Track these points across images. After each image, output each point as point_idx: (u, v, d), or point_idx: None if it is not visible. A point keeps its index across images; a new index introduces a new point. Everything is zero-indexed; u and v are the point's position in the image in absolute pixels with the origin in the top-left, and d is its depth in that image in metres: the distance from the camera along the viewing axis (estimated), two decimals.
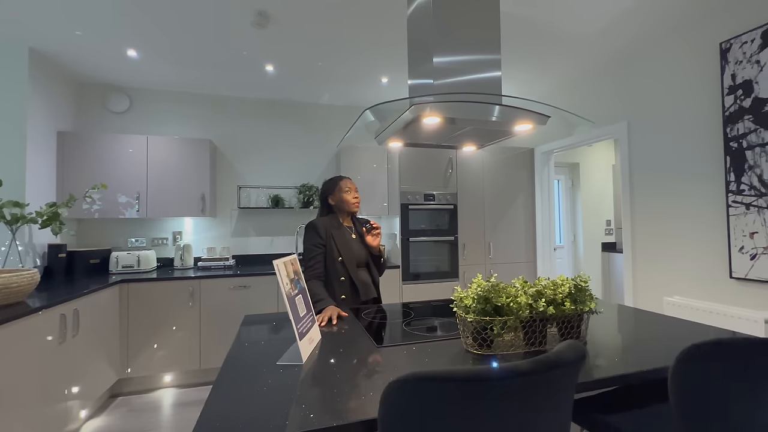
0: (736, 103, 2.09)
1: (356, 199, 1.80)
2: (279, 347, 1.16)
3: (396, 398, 0.55)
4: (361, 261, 1.76)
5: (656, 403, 0.97)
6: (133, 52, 2.68)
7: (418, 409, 0.54)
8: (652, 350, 1.10)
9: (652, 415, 0.91)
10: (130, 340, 2.72)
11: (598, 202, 4.86)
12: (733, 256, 2.11)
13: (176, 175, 3.14)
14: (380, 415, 0.57)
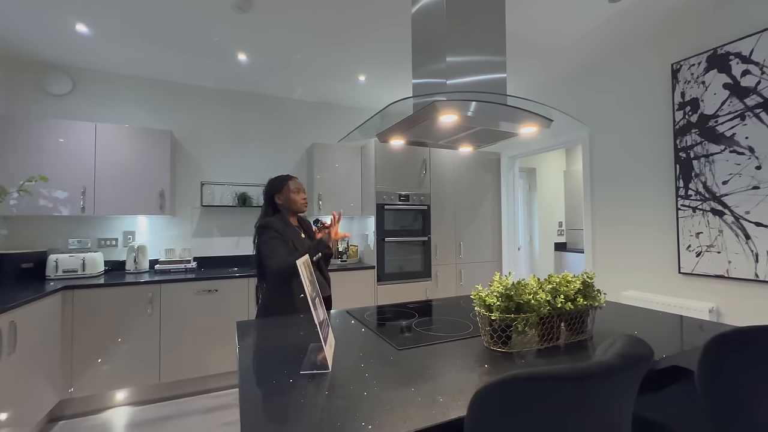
0: (684, 118, 2.35)
1: (305, 199, 1.83)
2: (290, 354, 1.07)
3: (493, 401, 0.53)
4: (313, 260, 1.74)
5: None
6: (83, 28, 2.36)
7: (518, 409, 0.52)
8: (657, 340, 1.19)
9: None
10: (74, 356, 2.38)
11: (552, 205, 5.23)
12: (682, 254, 2.37)
13: (131, 169, 2.82)
14: (472, 418, 0.54)
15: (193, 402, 2.54)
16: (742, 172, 2.10)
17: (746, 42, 2.07)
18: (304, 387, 0.86)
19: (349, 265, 3.41)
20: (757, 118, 2.03)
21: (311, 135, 3.75)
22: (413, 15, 1.56)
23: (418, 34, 1.51)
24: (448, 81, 1.32)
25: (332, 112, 3.87)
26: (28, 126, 2.56)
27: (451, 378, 0.91)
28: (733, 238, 2.13)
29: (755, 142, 2.04)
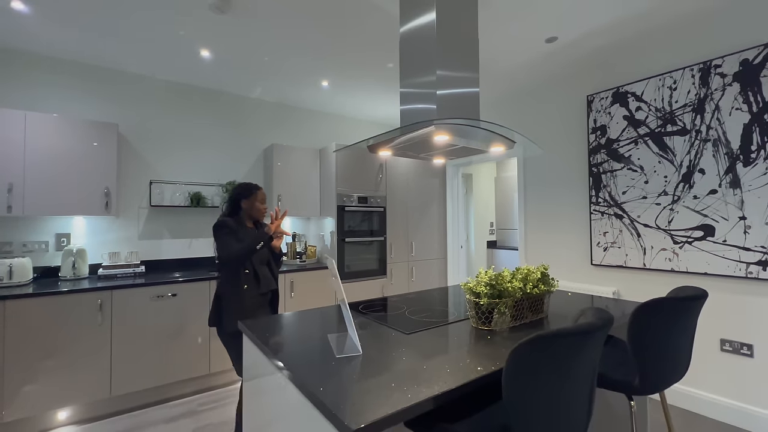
0: (596, 140, 2.94)
1: (265, 209, 2.07)
2: (316, 344, 1.20)
3: (525, 354, 0.76)
4: (263, 258, 2.01)
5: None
6: (20, 4, 2.10)
7: (543, 359, 0.77)
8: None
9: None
10: (5, 376, 2.11)
11: (485, 207, 5.85)
12: (593, 249, 2.95)
13: (71, 165, 2.56)
14: (510, 366, 0.77)
15: (153, 413, 2.42)
16: (635, 185, 2.71)
17: (639, 84, 2.68)
18: (348, 366, 1.01)
19: (308, 265, 3.49)
20: (645, 144, 2.65)
21: (269, 135, 3.73)
22: (402, 33, 1.77)
23: (407, 50, 1.73)
24: (438, 91, 1.56)
25: (291, 113, 3.89)
26: None
27: (458, 351, 1.14)
28: (629, 236, 2.73)
29: (644, 162, 2.66)
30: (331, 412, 0.77)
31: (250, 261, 1.91)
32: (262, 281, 1.96)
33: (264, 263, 2.01)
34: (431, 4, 1.62)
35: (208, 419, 2.33)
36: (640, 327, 1.12)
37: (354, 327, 1.13)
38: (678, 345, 1.17)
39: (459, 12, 1.68)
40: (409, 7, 1.75)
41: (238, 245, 1.83)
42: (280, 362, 1.06)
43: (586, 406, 0.87)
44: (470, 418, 0.93)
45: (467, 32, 1.70)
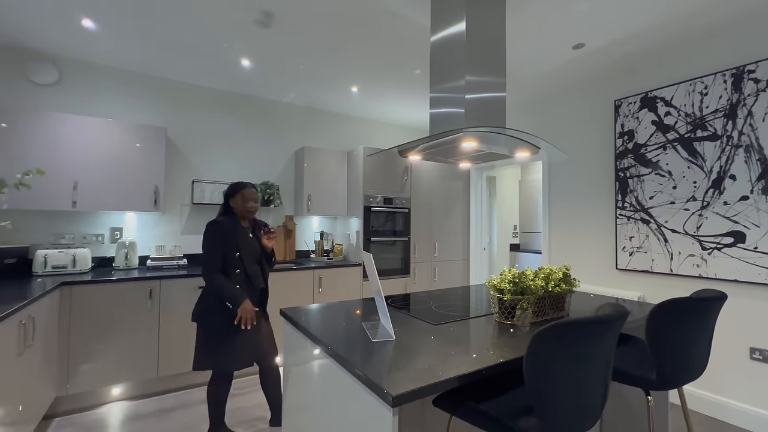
0: (623, 144, 2.94)
1: (252, 208, 2.06)
2: (353, 331, 1.34)
3: (545, 339, 0.86)
4: (255, 256, 2.07)
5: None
6: (90, 23, 2.36)
7: (561, 345, 0.86)
8: None
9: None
10: (71, 352, 2.37)
11: (508, 210, 5.86)
12: (618, 254, 2.96)
13: (125, 165, 2.81)
14: (531, 351, 0.87)
15: (195, 393, 2.63)
16: (663, 190, 2.70)
17: (668, 89, 2.67)
18: (383, 349, 1.13)
19: (335, 262, 3.64)
20: (674, 149, 2.64)
21: (300, 138, 3.92)
22: (433, 42, 1.88)
23: (438, 57, 1.84)
24: (466, 96, 1.67)
25: (321, 117, 4.07)
26: (14, 116, 2.48)
27: (482, 341, 1.24)
28: (656, 241, 2.73)
29: (672, 167, 2.65)
30: (374, 383, 0.89)
31: (241, 260, 1.97)
32: (254, 280, 2.02)
33: (255, 261, 2.06)
34: (461, 16, 1.73)
35: (242, 402, 2.52)
36: (657, 324, 1.19)
37: (388, 316, 1.25)
38: (694, 343, 1.23)
39: (487, 22, 1.78)
40: (440, 19, 1.86)
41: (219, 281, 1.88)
42: (327, 346, 1.19)
43: (601, 393, 0.96)
44: (495, 399, 1.03)
45: (495, 40, 1.80)
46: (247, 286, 2.00)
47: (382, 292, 1.26)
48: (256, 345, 2.01)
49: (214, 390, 1.99)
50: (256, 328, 2.02)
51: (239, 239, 1.98)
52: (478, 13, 1.75)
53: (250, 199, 2.04)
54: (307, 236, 3.93)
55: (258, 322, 2.05)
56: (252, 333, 1.98)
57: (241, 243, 1.99)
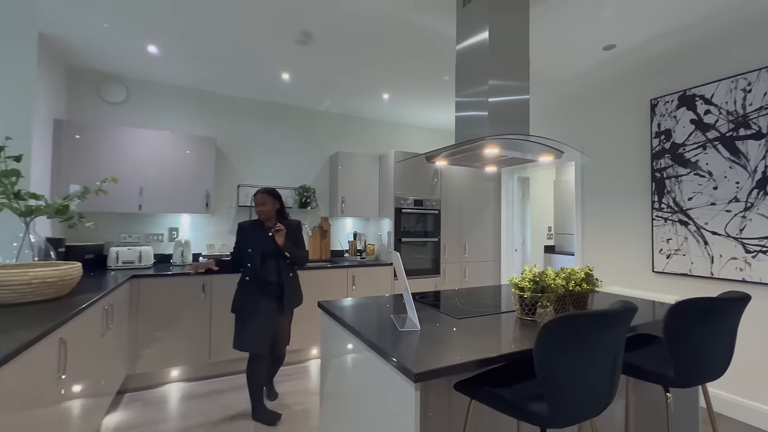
0: (660, 144, 2.87)
1: (258, 211, 2.39)
2: (382, 321, 1.48)
3: (552, 330, 0.96)
4: (267, 252, 2.34)
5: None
6: (154, 48, 2.69)
7: (566, 335, 0.96)
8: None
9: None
10: (138, 337, 2.71)
11: (542, 211, 5.76)
12: (655, 256, 2.89)
13: (181, 172, 3.15)
14: (540, 340, 0.97)
15: (242, 379, 2.90)
16: (702, 191, 2.62)
17: (708, 87, 2.59)
18: (409, 337, 1.27)
19: (367, 261, 3.81)
20: (714, 149, 2.55)
21: (334, 143, 4.14)
22: (459, 50, 1.99)
23: (463, 64, 1.95)
24: (489, 99, 1.76)
25: (354, 123, 4.27)
26: (92, 131, 2.87)
27: (502, 334, 1.34)
28: (695, 243, 2.65)
29: (713, 167, 2.56)
30: (401, 364, 1.03)
31: (250, 255, 2.33)
32: (260, 273, 2.31)
33: (269, 258, 2.34)
34: (484, 26, 1.83)
35: (287, 388, 2.75)
36: (674, 323, 1.23)
37: (414, 308, 1.39)
38: (713, 343, 1.25)
39: (510, 30, 1.86)
40: (464, 30, 1.97)
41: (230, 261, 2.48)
42: (360, 333, 1.35)
43: (608, 384, 1.03)
44: (511, 386, 1.14)
45: (518, 46, 1.88)
46: (255, 277, 2.32)
47: (408, 287, 1.40)
48: (268, 335, 2.30)
49: (249, 371, 2.28)
50: (274, 317, 2.33)
51: (251, 238, 2.36)
52: (500, 23, 1.84)
53: (257, 204, 2.38)
54: (341, 236, 4.14)
55: (275, 312, 2.34)
56: (269, 320, 2.30)
57: (252, 241, 2.34)
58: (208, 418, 2.32)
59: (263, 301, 2.31)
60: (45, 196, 2.33)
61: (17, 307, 1.62)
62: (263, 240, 2.35)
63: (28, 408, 1.22)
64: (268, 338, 2.29)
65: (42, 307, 1.62)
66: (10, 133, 2.35)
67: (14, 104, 2.40)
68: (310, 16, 2.26)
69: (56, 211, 2.32)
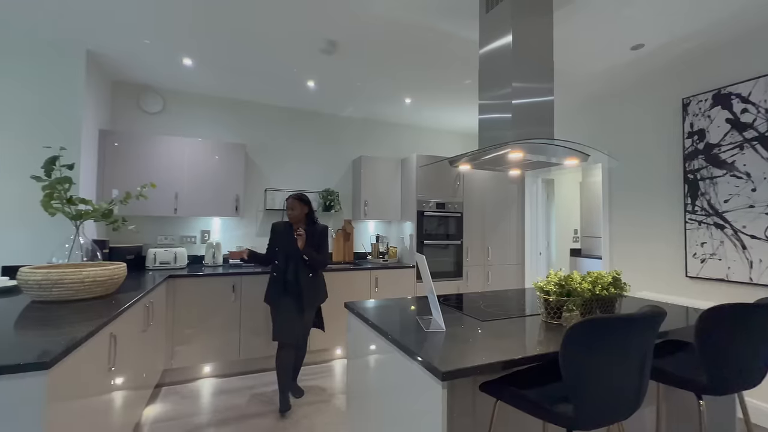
0: (693, 145, 2.78)
1: (289, 214, 2.59)
2: (408, 322, 1.52)
3: (579, 332, 0.97)
4: (289, 253, 2.54)
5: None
6: (189, 61, 2.85)
7: (593, 338, 0.97)
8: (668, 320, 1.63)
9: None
10: (174, 333, 2.86)
11: (568, 213, 5.64)
12: (689, 261, 2.79)
13: (213, 177, 3.31)
14: (566, 343, 0.99)
15: (270, 376, 3.01)
16: (740, 193, 2.51)
17: (745, 85, 2.49)
18: (435, 338, 1.31)
19: (390, 263, 3.86)
20: (753, 149, 2.45)
21: (357, 148, 4.22)
22: (482, 53, 2.02)
23: (486, 67, 1.97)
24: (513, 101, 1.78)
25: (376, 127, 4.34)
26: (134, 140, 3.06)
27: (526, 336, 1.36)
28: (732, 248, 2.54)
29: (751, 168, 2.46)
30: (429, 363, 1.07)
31: (276, 253, 2.58)
32: (278, 270, 2.55)
33: (292, 258, 2.53)
34: (507, 30, 1.84)
35: (312, 387, 2.83)
36: (706, 329, 1.20)
37: (439, 310, 1.42)
38: (748, 351, 1.22)
39: (533, 33, 1.87)
40: (488, 34, 1.99)
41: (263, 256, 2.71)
42: (387, 333, 1.39)
43: (635, 388, 1.03)
44: (536, 388, 1.15)
45: (541, 49, 1.89)
46: (279, 275, 2.55)
47: (434, 289, 1.43)
48: (294, 327, 2.49)
49: (276, 357, 2.50)
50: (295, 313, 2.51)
51: (279, 238, 2.60)
52: (524, 27, 1.85)
53: (287, 208, 2.61)
54: (364, 239, 4.21)
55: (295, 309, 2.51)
56: (294, 316, 2.49)
57: (279, 241, 2.59)
58: (240, 413, 2.43)
59: (286, 297, 2.51)
60: (92, 201, 2.51)
61: (71, 303, 1.76)
62: (288, 241, 2.54)
63: (84, 396, 1.34)
64: (292, 331, 2.48)
65: (93, 304, 1.76)
66: (62, 143, 2.55)
67: (66, 117, 2.60)
68: (334, 26, 2.34)
69: (102, 215, 2.50)
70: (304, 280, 2.52)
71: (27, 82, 2.55)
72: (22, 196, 2.51)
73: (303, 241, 2.49)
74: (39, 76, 2.57)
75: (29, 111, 2.55)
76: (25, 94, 2.55)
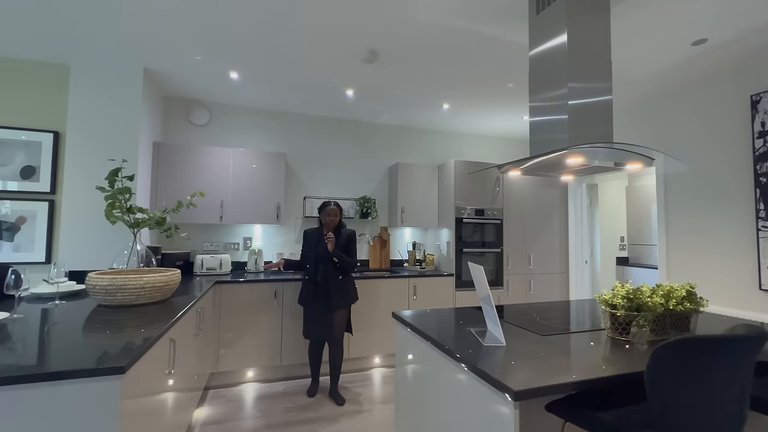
0: (764, 145, 2.54)
1: (330, 220, 2.76)
2: (460, 335, 1.47)
3: (671, 353, 0.89)
4: (319, 257, 2.72)
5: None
6: (235, 74, 2.97)
7: (688, 360, 0.88)
8: None
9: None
10: (220, 338, 2.94)
11: (613, 220, 5.34)
12: (763, 272, 2.54)
13: (255, 185, 3.41)
14: (652, 365, 0.90)
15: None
16: None
17: None
18: (496, 352, 1.25)
19: (427, 272, 3.79)
20: None
21: (393, 155, 4.22)
22: (532, 55, 1.95)
23: (537, 69, 1.90)
24: (569, 102, 1.70)
25: (412, 133, 4.33)
26: (183, 151, 3.21)
27: (595, 353, 1.26)
28: None
29: None
30: (496, 380, 1.02)
31: (307, 257, 2.78)
32: (310, 273, 2.75)
33: (321, 261, 2.72)
34: (562, 30, 1.77)
35: (352, 395, 2.81)
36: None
37: (498, 323, 1.36)
38: None
39: (590, 32, 1.78)
40: (539, 35, 1.92)
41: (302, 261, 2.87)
42: (444, 346, 1.34)
43: (734, 417, 0.92)
44: (612, 410, 1.06)
45: (599, 46, 1.80)
46: (310, 277, 2.75)
47: (492, 300, 1.37)
48: (323, 326, 2.69)
49: (308, 350, 2.86)
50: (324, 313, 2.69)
51: (310, 243, 2.80)
52: (579, 25, 1.77)
53: (329, 214, 2.77)
54: (400, 246, 4.18)
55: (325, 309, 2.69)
56: (321, 317, 2.69)
57: (310, 246, 2.79)
58: (284, 419, 2.44)
59: (316, 298, 2.72)
60: (148, 210, 2.65)
61: (132, 308, 1.85)
62: (318, 245, 2.74)
63: (146, 397, 1.38)
64: (320, 330, 2.71)
65: (152, 309, 1.84)
66: (122, 156, 2.71)
67: (124, 131, 2.77)
68: (378, 36, 2.36)
69: (156, 223, 2.62)
70: (332, 281, 2.71)
71: (95, 101, 2.75)
72: (86, 205, 2.69)
73: (333, 244, 2.68)
74: (104, 94, 2.76)
75: (95, 127, 2.74)
76: (93, 112, 2.74)
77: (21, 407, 1.01)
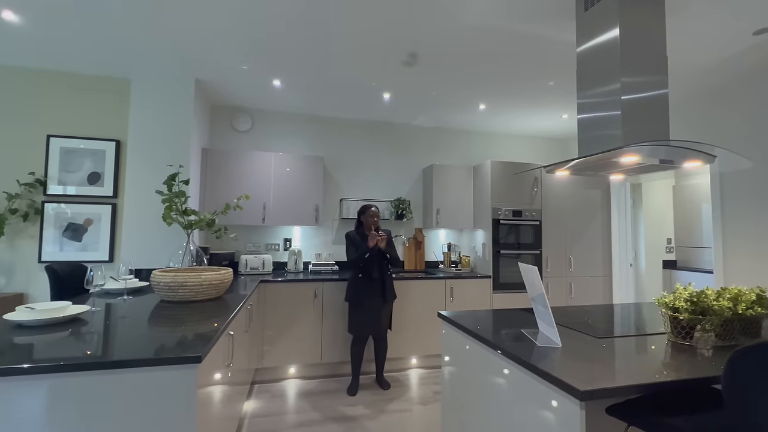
0: None
1: (374, 221, 2.92)
2: (513, 335, 1.46)
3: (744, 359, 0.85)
4: (373, 255, 2.85)
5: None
6: (278, 82, 3.09)
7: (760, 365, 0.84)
8: None
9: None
10: (264, 335, 3.06)
11: (659, 221, 5.07)
12: None
13: (295, 188, 3.52)
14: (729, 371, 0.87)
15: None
16: None
17: None
18: (553, 353, 1.23)
19: (463, 273, 3.77)
20: None
21: (427, 156, 4.23)
22: (580, 52, 1.91)
23: (586, 65, 1.87)
24: (622, 97, 1.66)
25: (447, 135, 4.32)
26: (228, 156, 3.38)
27: (657, 357, 1.22)
28: None
29: None
30: (561, 380, 1.01)
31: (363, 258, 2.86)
32: (365, 273, 2.87)
33: (376, 258, 2.87)
34: (613, 24, 1.72)
35: (393, 390, 2.84)
36: None
37: (554, 323, 1.34)
38: None
39: (643, 26, 1.73)
40: (587, 31, 1.88)
41: (354, 255, 2.87)
42: (498, 347, 1.35)
43: None
44: (680, 416, 1.03)
45: (654, 39, 1.74)
46: (364, 275, 2.88)
47: (547, 301, 1.36)
48: (375, 320, 2.86)
49: (352, 349, 2.95)
50: (378, 307, 2.86)
51: (360, 243, 2.89)
52: (632, 19, 1.72)
53: (373, 215, 2.93)
54: (435, 248, 4.17)
55: (378, 305, 2.87)
56: (373, 310, 2.85)
57: (362, 246, 2.87)
58: (327, 415, 2.51)
59: (370, 293, 2.86)
60: (199, 212, 2.81)
61: (191, 304, 1.97)
62: (367, 244, 2.85)
63: (213, 384, 1.48)
64: (371, 325, 2.87)
65: (209, 305, 1.95)
66: (176, 162, 2.90)
67: (178, 139, 2.96)
68: (419, 39, 2.38)
69: (207, 224, 2.78)
70: (386, 276, 2.93)
71: (152, 111, 2.95)
72: (143, 208, 2.89)
73: (385, 242, 2.85)
74: (160, 105, 2.96)
75: (152, 135, 2.95)
76: (150, 121, 2.95)
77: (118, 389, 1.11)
